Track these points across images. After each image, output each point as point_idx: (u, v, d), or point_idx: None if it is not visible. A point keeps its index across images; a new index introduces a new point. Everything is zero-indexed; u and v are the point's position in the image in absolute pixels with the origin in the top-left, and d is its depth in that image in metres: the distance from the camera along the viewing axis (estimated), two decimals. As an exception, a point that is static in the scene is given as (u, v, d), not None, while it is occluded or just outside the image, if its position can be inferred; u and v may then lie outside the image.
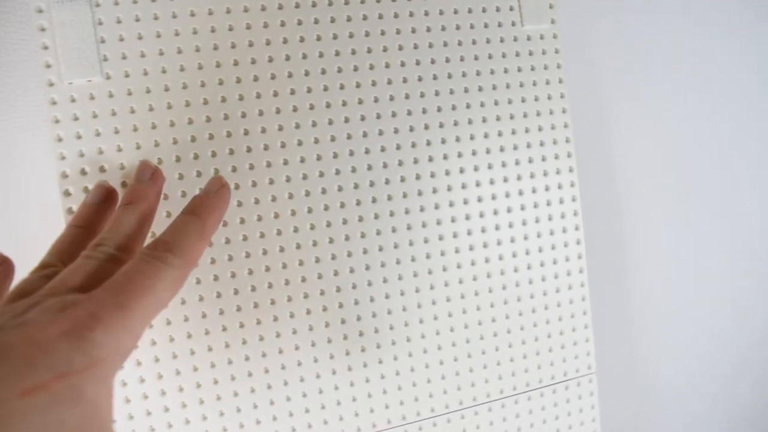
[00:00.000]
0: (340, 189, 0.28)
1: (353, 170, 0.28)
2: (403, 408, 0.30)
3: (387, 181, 0.29)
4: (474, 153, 0.30)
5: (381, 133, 0.29)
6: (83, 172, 0.25)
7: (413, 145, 0.29)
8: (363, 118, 0.28)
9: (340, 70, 0.28)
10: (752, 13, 0.40)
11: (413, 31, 0.29)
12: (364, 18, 0.28)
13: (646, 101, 0.39)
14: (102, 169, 0.25)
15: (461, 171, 0.30)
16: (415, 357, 0.30)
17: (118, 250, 0.20)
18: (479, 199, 0.30)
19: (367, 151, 0.28)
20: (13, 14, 0.28)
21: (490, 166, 0.30)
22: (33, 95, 0.28)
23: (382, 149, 0.29)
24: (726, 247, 0.42)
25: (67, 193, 0.25)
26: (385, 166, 0.29)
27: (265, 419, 0.28)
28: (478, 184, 0.30)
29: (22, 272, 0.20)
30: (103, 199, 0.23)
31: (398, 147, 0.29)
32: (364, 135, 0.28)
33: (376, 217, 0.29)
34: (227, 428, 0.27)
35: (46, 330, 0.15)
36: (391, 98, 0.29)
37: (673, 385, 0.41)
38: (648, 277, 0.40)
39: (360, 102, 0.28)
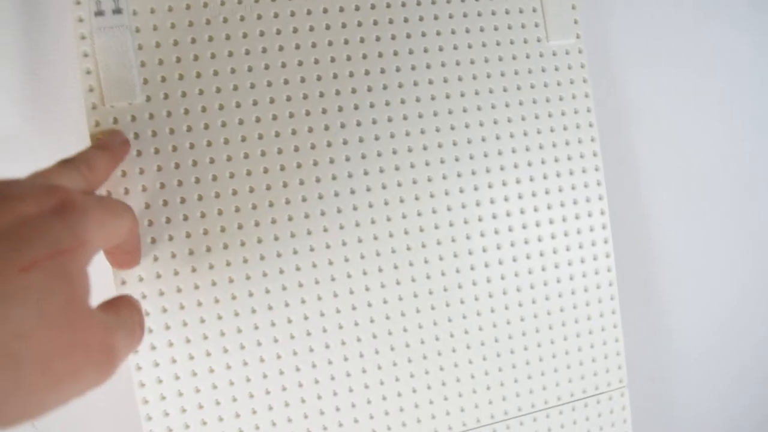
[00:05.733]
0: (368, 189, 0.29)
1: (381, 170, 0.29)
2: (420, 426, 0.30)
3: (414, 181, 0.29)
4: (502, 168, 0.30)
5: (409, 133, 0.29)
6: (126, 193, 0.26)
7: (439, 146, 0.30)
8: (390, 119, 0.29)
9: (367, 72, 0.29)
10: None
11: (440, 49, 0.30)
12: (393, 38, 0.29)
13: (670, 114, 0.39)
14: (143, 188, 0.26)
15: (487, 171, 0.30)
16: (445, 371, 0.30)
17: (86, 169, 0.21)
18: (508, 214, 0.30)
19: (394, 152, 0.29)
20: (55, 43, 0.29)
21: (518, 181, 0.31)
22: (76, 120, 0.29)
23: (409, 150, 0.29)
24: (758, 255, 0.41)
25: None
26: (412, 166, 0.29)
27: (280, 421, 0.28)
28: (506, 199, 0.30)
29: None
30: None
31: (425, 148, 0.29)
32: (392, 136, 0.29)
33: (404, 216, 0.29)
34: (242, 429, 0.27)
35: (39, 207, 0.16)
36: (420, 114, 0.29)
37: (704, 398, 0.41)
38: (677, 287, 0.40)
39: (387, 104, 0.29)
